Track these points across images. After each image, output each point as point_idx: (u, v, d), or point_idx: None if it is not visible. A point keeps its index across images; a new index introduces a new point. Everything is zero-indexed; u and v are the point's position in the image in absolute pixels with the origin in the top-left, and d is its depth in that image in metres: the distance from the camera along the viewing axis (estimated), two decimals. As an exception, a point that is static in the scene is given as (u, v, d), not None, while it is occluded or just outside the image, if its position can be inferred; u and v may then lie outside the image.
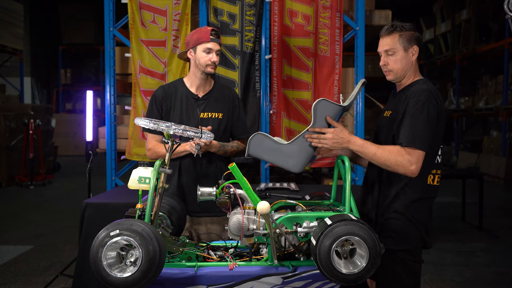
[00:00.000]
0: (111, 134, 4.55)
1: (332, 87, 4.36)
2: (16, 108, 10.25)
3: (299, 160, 2.19)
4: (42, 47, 16.48)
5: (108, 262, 1.86)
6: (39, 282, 4.12)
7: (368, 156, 2.17)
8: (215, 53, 2.79)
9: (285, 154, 2.19)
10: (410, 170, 2.12)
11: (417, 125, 2.14)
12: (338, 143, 2.16)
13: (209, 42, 2.76)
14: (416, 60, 2.31)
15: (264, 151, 2.21)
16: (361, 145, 2.16)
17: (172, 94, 2.88)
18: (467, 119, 13.48)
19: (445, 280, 4.27)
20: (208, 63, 2.78)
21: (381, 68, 2.37)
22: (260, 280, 2.06)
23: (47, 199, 8.28)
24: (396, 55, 2.27)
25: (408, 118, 2.15)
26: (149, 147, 2.90)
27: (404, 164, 2.12)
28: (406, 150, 2.13)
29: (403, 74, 2.30)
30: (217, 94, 2.93)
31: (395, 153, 2.13)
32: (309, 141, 2.17)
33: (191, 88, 2.89)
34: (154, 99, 2.89)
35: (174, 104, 2.86)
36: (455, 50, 12.66)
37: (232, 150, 2.89)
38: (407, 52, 2.27)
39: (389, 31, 2.28)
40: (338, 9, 4.33)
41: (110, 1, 4.48)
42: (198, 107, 2.86)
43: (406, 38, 2.26)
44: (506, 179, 9.67)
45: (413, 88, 2.24)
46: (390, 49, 2.27)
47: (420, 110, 2.14)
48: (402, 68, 2.29)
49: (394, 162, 2.13)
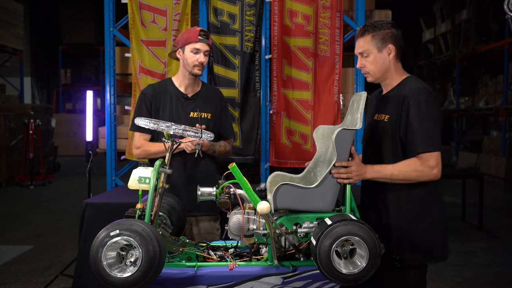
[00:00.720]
0: (111, 134, 4.55)
1: (332, 87, 4.36)
2: (16, 108, 10.24)
3: (330, 199, 2.12)
4: (42, 47, 16.47)
5: (108, 262, 1.86)
6: (39, 282, 4.12)
7: (385, 178, 2.14)
8: (203, 53, 2.78)
9: (314, 197, 2.10)
10: (433, 174, 2.11)
11: (428, 128, 2.10)
12: (359, 175, 2.12)
13: (197, 42, 2.76)
14: (396, 59, 2.25)
15: (292, 202, 2.11)
16: (378, 171, 2.13)
17: (162, 93, 2.88)
18: (467, 119, 13.48)
19: (445, 280, 4.26)
20: (195, 63, 2.78)
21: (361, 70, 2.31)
22: (260, 280, 2.06)
23: (47, 199, 8.28)
24: (370, 56, 2.22)
25: (416, 122, 2.10)
26: (138, 145, 2.87)
27: (425, 173, 2.11)
28: (423, 157, 2.09)
29: (382, 75, 2.26)
30: (206, 94, 2.94)
31: (413, 167, 2.10)
32: (336, 177, 2.09)
33: (180, 88, 2.89)
34: (143, 97, 2.88)
35: (163, 103, 2.86)
36: (455, 50, 12.66)
37: (220, 150, 2.91)
38: (381, 52, 2.22)
39: (361, 32, 2.24)
40: (338, 9, 4.33)
41: (110, 1, 4.48)
42: (188, 107, 2.86)
43: (379, 38, 2.21)
44: (506, 179, 9.66)
45: (407, 87, 2.19)
46: (363, 51, 2.23)
47: (425, 111, 2.10)
48: (379, 69, 2.24)
49: (415, 176, 2.11)
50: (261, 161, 4.46)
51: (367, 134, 2.39)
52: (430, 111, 2.11)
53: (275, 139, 4.38)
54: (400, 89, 2.22)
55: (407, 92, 2.16)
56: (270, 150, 4.42)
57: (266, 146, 4.43)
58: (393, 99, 2.22)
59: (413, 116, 2.11)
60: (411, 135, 2.11)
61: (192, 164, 2.83)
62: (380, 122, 2.27)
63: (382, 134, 2.25)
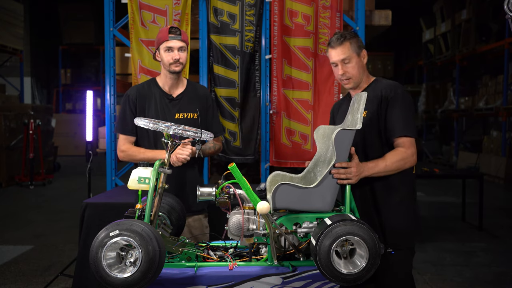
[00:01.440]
0: (111, 134, 4.55)
1: (332, 87, 4.36)
2: (16, 108, 10.24)
3: (329, 199, 2.12)
4: (42, 47, 16.47)
5: (108, 262, 1.86)
6: (39, 282, 4.12)
7: (380, 173, 2.26)
8: (177, 50, 2.74)
9: (313, 196, 2.11)
10: (414, 159, 2.31)
11: (406, 116, 2.30)
12: (358, 175, 2.18)
13: (168, 40, 2.73)
14: (365, 63, 2.47)
15: (291, 201, 2.11)
16: (372, 167, 2.24)
17: (146, 94, 2.84)
18: (467, 119, 13.47)
19: (445, 280, 4.26)
20: (170, 61, 2.75)
21: (339, 78, 2.45)
22: (260, 280, 2.06)
23: (47, 199, 8.28)
24: (352, 62, 2.39)
25: (396, 111, 2.30)
26: (122, 149, 2.82)
27: (410, 159, 2.28)
28: (404, 143, 2.27)
29: (361, 78, 2.43)
30: (191, 93, 2.90)
31: (399, 156, 2.27)
32: (336, 177, 2.13)
33: (164, 88, 2.86)
34: (127, 99, 2.84)
35: (148, 104, 2.83)
36: (455, 50, 12.65)
37: (209, 152, 2.91)
38: (359, 57, 2.41)
39: (340, 41, 2.39)
40: (338, 9, 4.33)
41: (110, 1, 4.48)
42: (173, 108, 2.83)
43: (356, 45, 2.40)
44: (506, 179, 9.66)
45: (381, 85, 2.38)
46: (346, 58, 2.39)
47: (403, 102, 2.32)
48: (360, 73, 2.42)
49: (403, 163, 2.28)
50: (261, 161, 4.46)
51: None
52: (408, 103, 2.34)
53: (275, 139, 4.38)
54: (374, 88, 2.40)
55: (384, 89, 2.35)
56: (270, 150, 4.42)
57: (266, 146, 4.43)
58: (369, 98, 2.35)
59: (394, 106, 2.31)
60: (392, 122, 2.30)
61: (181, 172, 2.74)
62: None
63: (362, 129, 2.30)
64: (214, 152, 2.96)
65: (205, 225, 2.96)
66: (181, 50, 2.77)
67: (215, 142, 2.94)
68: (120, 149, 2.83)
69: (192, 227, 2.90)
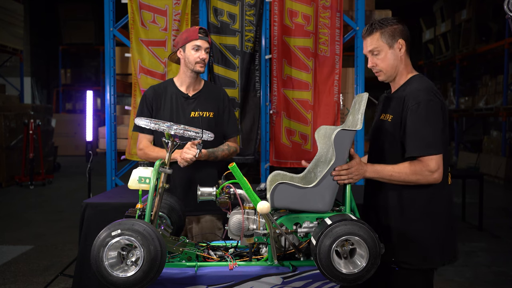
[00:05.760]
0: (111, 134, 4.55)
1: (332, 87, 4.36)
2: (16, 108, 10.24)
3: (328, 199, 2.10)
4: (42, 47, 16.47)
5: (109, 262, 1.86)
6: (39, 282, 4.12)
7: (384, 179, 2.13)
8: (204, 50, 2.81)
9: (312, 196, 2.09)
10: (434, 179, 2.08)
11: (425, 131, 2.06)
12: (359, 175, 2.11)
13: (198, 39, 2.79)
14: (406, 54, 2.21)
15: (290, 201, 2.10)
16: (377, 171, 2.12)
17: (162, 93, 2.89)
18: (467, 119, 13.49)
19: (445, 280, 4.27)
20: (197, 60, 2.80)
21: (372, 70, 2.27)
22: (260, 280, 2.06)
23: (47, 199, 8.28)
24: (382, 53, 2.19)
25: (413, 125, 2.07)
26: (140, 147, 2.90)
27: (425, 177, 2.07)
28: (424, 161, 2.06)
29: (395, 72, 2.22)
30: (208, 93, 2.93)
31: (413, 170, 2.07)
32: (337, 179, 2.08)
33: (181, 88, 2.90)
34: (144, 98, 2.91)
35: (163, 103, 2.87)
36: (455, 50, 12.66)
37: (223, 154, 2.88)
38: (393, 48, 2.18)
39: (369, 31, 2.20)
40: (338, 9, 4.33)
41: (110, 1, 4.48)
42: (188, 106, 2.86)
43: (388, 34, 2.17)
44: (506, 179, 9.67)
45: (408, 88, 2.16)
46: (374, 49, 2.19)
47: (425, 113, 2.06)
48: (392, 65, 2.20)
49: (414, 179, 2.08)
50: (261, 161, 4.46)
51: (373, 134, 2.37)
52: (431, 113, 2.06)
53: (275, 139, 4.38)
54: (404, 89, 2.18)
55: (408, 93, 2.13)
56: (270, 150, 4.42)
57: (266, 146, 4.43)
58: (396, 99, 2.19)
59: (410, 118, 2.08)
60: (409, 138, 2.09)
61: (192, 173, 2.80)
62: (385, 122, 2.24)
63: (385, 134, 2.24)
64: (229, 154, 2.91)
65: (218, 227, 2.96)
66: (206, 52, 2.84)
67: (229, 144, 2.93)
68: (138, 147, 2.92)
69: (203, 228, 2.91)
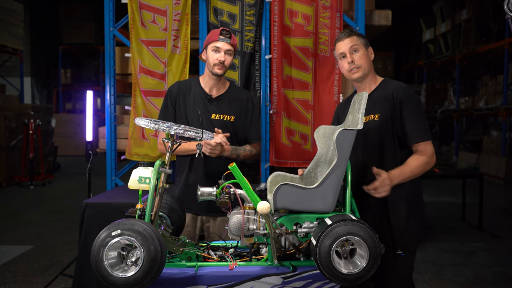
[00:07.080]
0: (111, 134, 4.55)
1: (332, 87, 4.36)
2: (16, 108, 10.24)
3: (330, 199, 2.11)
4: (42, 47, 16.47)
5: (109, 262, 1.86)
6: (39, 282, 4.12)
7: (407, 179, 2.33)
8: (224, 52, 2.77)
9: (314, 197, 2.10)
10: (434, 160, 2.36)
11: (421, 119, 2.34)
12: (391, 184, 2.28)
13: (218, 41, 2.76)
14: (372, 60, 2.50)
15: (292, 202, 2.11)
16: (400, 174, 2.31)
17: (186, 90, 2.89)
18: (467, 119, 13.49)
19: (445, 280, 4.27)
20: (215, 62, 2.77)
21: (347, 67, 2.47)
22: (260, 280, 2.06)
23: (47, 199, 8.28)
24: (360, 51, 2.44)
25: (411, 115, 2.33)
26: (160, 141, 2.94)
27: (431, 162, 2.35)
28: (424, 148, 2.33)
29: (369, 71, 2.46)
30: (231, 96, 2.91)
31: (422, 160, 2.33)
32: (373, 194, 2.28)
33: (206, 88, 2.89)
34: (169, 93, 2.92)
35: (185, 101, 2.87)
36: (455, 50, 12.66)
37: (245, 154, 2.89)
38: (367, 50, 2.47)
39: (348, 34, 2.46)
40: (338, 9, 4.33)
41: (110, 1, 4.48)
42: (210, 108, 2.85)
43: (363, 40, 2.48)
44: (506, 179, 9.67)
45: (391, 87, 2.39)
46: (354, 45, 2.43)
47: (417, 105, 2.35)
48: (368, 64, 2.45)
49: (426, 167, 2.34)
50: (261, 161, 4.46)
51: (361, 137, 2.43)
52: (420, 104, 2.38)
53: (275, 139, 4.38)
54: (385, 90, 2.42)
55: (395, 90, 2.37)
56: (270, 150, 4.42)
57: (266, 146, 4.43)
58: (381, 99, 2.40)
59: (407, 110, 2.34)
60: (409, 127, 2.33)
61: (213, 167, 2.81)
62: (372, 122, 2.42)
63: (377, 132, 2.39)
64: (251, 156, 2.94)
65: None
66: (228, 54, 2.79)
67: (252, 147, 2.94)
68: (159, 142, 2.97)
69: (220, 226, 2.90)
